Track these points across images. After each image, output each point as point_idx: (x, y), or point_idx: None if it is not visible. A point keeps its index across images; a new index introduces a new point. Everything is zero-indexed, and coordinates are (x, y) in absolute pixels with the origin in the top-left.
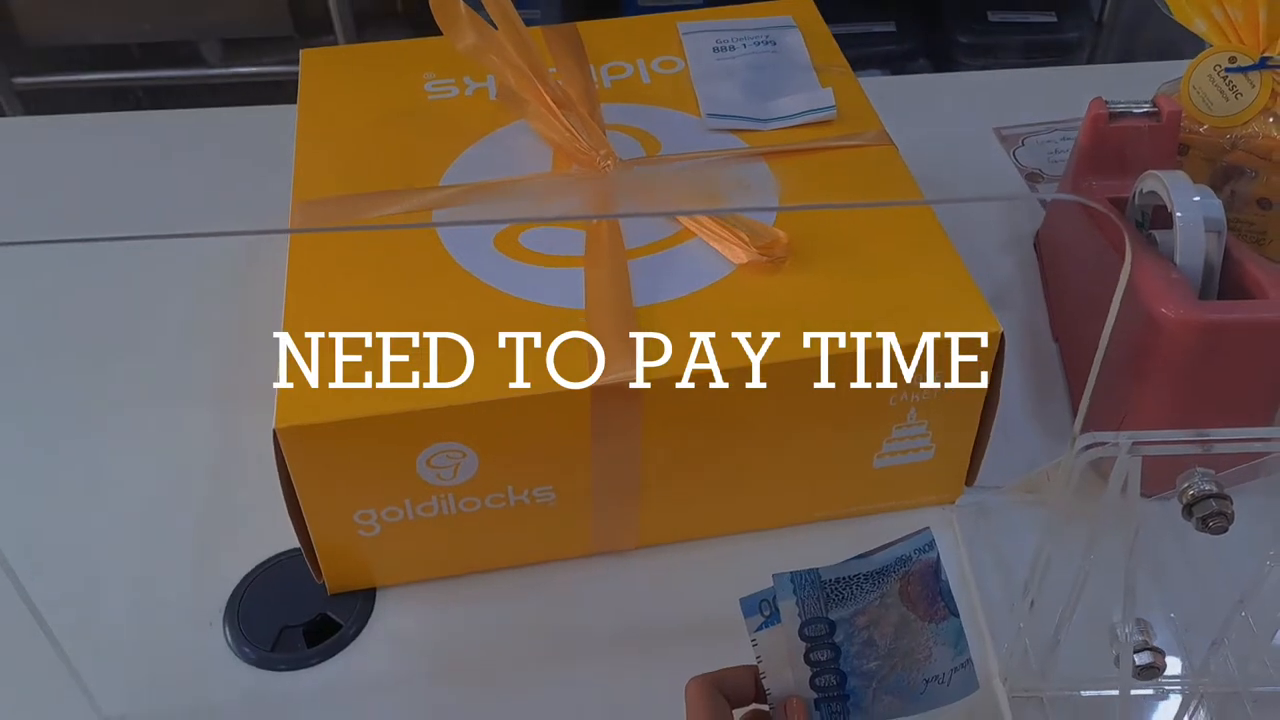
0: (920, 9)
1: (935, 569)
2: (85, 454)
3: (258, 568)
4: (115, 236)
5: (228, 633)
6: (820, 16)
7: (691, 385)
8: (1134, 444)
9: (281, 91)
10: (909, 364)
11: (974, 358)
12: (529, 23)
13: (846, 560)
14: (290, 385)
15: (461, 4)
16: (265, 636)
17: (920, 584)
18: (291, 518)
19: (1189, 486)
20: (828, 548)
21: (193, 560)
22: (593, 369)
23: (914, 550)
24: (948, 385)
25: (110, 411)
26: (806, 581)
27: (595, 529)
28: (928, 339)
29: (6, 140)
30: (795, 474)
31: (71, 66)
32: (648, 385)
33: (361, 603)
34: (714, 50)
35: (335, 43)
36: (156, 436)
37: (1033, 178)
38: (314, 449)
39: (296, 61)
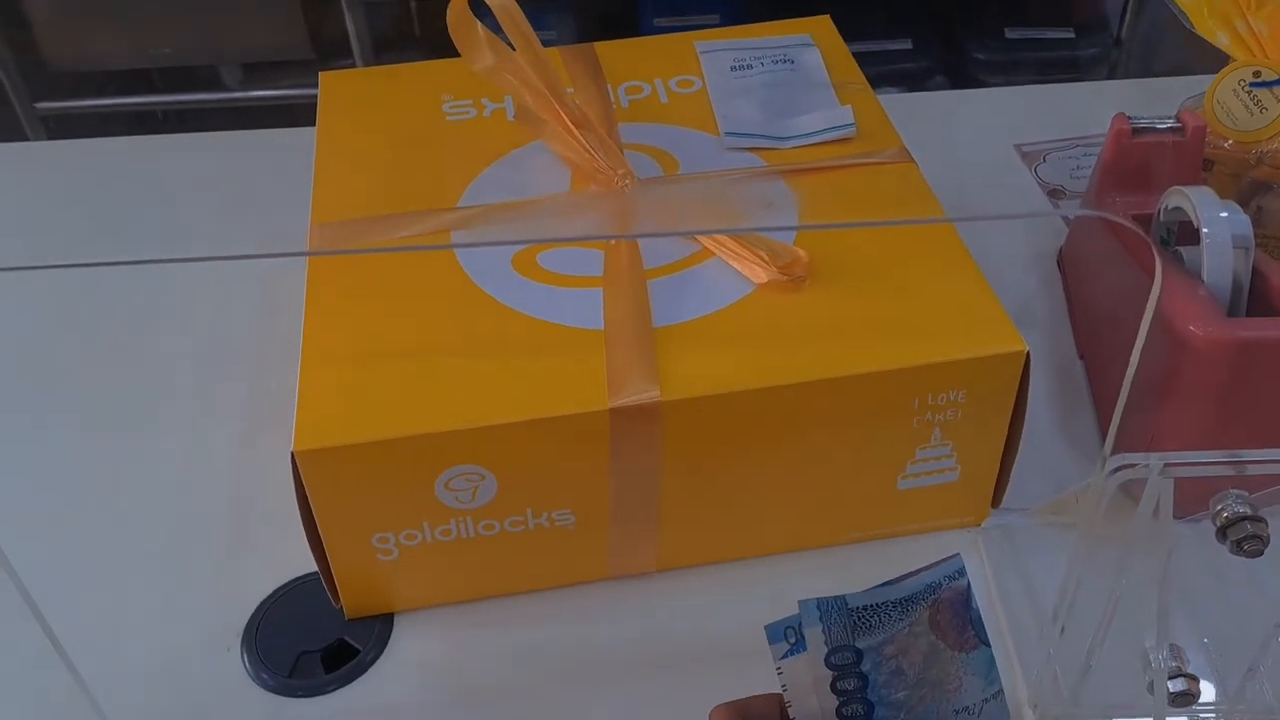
0: (937, 26)
1: (965, 597)
2: (103, 476)
3: (275, 592)
4: (130, 261)
5: (245, 658)
6: (838, 34)
7: (711, 407)
8: (1166, 465)
9: (301, 115)
10: (933, 384)
11: (999, 377)
12: (546, 44)
13: (874, 587)
14: (308, 407)
15: (479, 25)
16: (283, 662)
17: (950, 612)
18: (309, 541)
19: (1223, 509)
20: (851, 571)
21: (211, 584)
22: (611, 390)
23: (944, 577)
24: (973, 405)
25: (129, 433)
26: (833, 608)
27: (614, 552)
28: (951, 358)
29: (29, 163)
30: (817, 496)
31: (93, 91)
32: (667, 406)
33: (380, 628)
34: (732, 69)
35: (354, 66)
36: (175, 459)
37: (1055, 194)
38: (332, 472)
39: (315, 85)
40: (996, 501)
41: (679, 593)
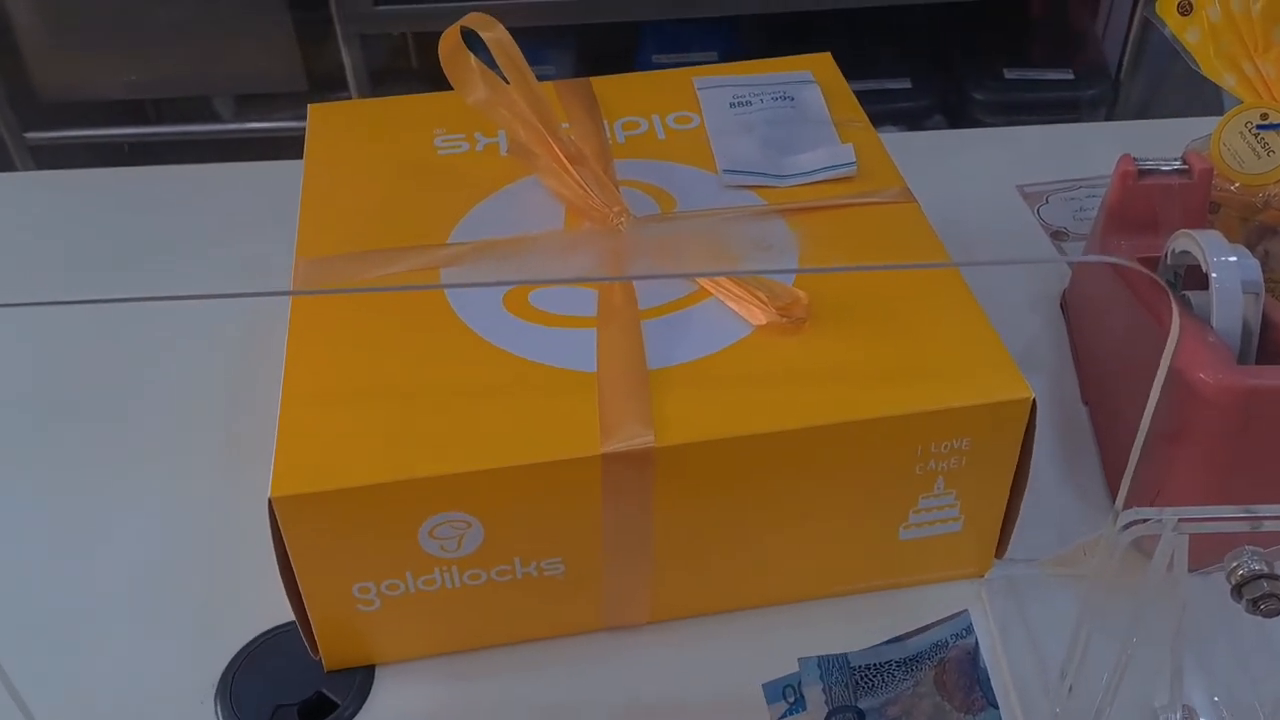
0: (936, 66)
1: (973, 655)
2: (76, 519)
3: (252, 642)
4: (109, 299)
5: (219, 711)
6: (839, 72)
7: (707, 453)
8: (1180, 521)
9: (295, 147)
10: (936, 431)
11: (1005, 425)
12: (543, 78)
13: (877, 645)
14: (287, 451)
15: (472, 57)
16: (259, 716)
17: (957, 672)
18: (287, 591)
19: (1238, 566)
20: (850, 623)
21: (184, 633)
22: (604, 435)
23: (951, 635)
24: (977, 453)
25: (104, 475)
26: (834, 667)
27: (606, 602)
28: (955, 405)
29: (15, 193)
30: (816, 546)
31: (84, 121)
32: (661, 452)
33: (360, 680)
34: (731, 106)
35: (349, 98)
36: (152, 502)
37: (1058, 236)
38: (311, 519)
39: None
40: (1000, 551)
41: (673, 645)
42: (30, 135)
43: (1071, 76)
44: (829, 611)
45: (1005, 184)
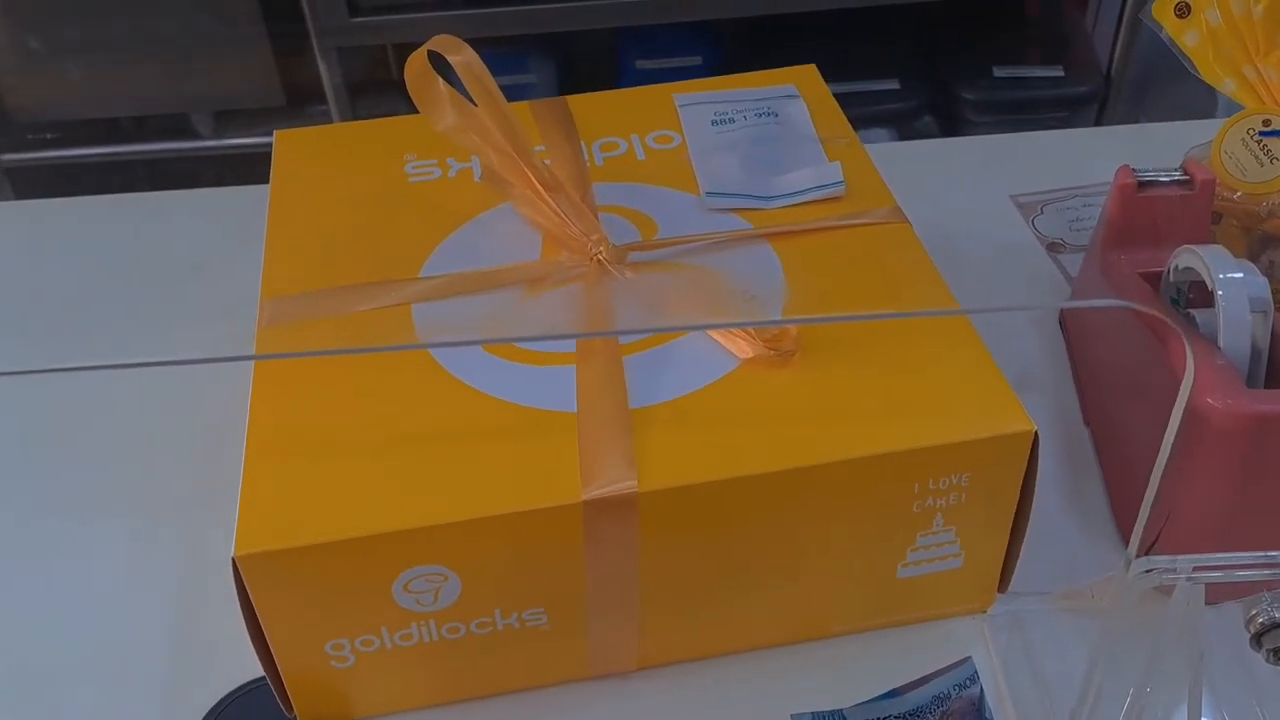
0: (924, 66)
1: (978, 707)
2: (42, 573)
3: (226, 698)
4: (67, 367)
5: None
6: (825, 85)
7: (694, 496)
8: (1195, 569)
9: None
10: (934, 467)
11: (1005, 459)
12: (525, 90)
13: (876, 698)
14: (251, 506)
15: (440, 81)
16: None
17: None
18: (256, 648)
19: (1258, 614)
20: (847, 666)
21: (156, 691)
22: (585, 480)
23: (953, 686)
24: (977, 488)
25: (67, 530)
26: None
27: (592, 651)
28: (954, 440)
29: None
30: (811, 588)
31: (61, 141)
32: (645, 497)
33: None
34: (713, 123)
35: (328, 113)
36: (119, 555)
37: (1054, 248)
38: (278, 578)
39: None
40: (1003, 585)
41: (663, 692)
42: (5, 157)
43: (1062, 74)
44: (826, 654)
45: (998, 194)
